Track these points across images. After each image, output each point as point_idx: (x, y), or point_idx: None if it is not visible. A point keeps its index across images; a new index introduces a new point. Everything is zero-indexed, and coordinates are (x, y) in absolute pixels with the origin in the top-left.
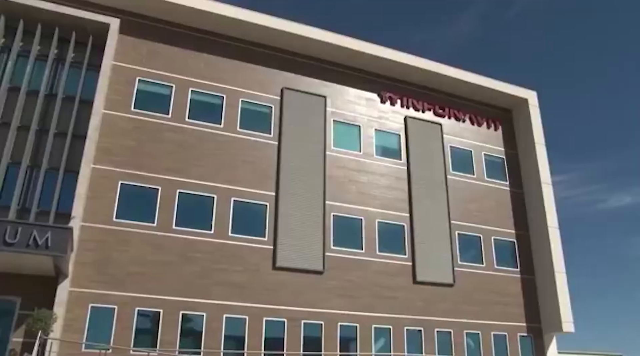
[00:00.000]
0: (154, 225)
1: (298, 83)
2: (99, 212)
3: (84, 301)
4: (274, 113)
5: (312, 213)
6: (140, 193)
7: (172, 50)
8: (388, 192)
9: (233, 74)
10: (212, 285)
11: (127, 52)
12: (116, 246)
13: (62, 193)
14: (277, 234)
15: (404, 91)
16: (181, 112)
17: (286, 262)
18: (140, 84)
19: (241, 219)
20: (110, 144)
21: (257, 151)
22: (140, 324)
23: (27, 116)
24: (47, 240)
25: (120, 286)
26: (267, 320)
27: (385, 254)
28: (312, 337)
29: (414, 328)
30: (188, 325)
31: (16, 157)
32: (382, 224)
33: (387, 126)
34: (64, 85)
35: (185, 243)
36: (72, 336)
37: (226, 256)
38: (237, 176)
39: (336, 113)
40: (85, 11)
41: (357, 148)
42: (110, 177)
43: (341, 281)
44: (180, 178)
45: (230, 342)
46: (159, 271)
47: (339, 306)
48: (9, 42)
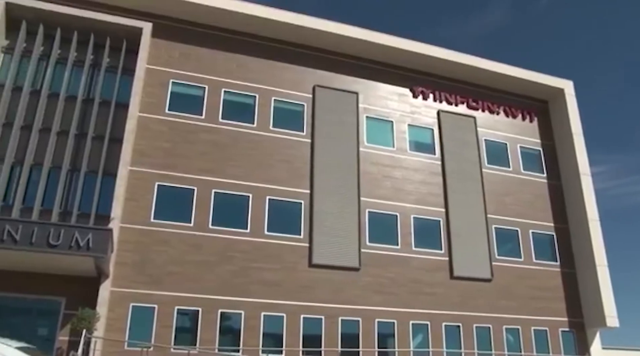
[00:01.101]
0: (191, 225)
1: (330, 80)
2: (137, 213)
3: (125, 300)
4: (307, 111)
5: (347, 209)
6: (176, 194)
7: (204, 52)
8: (422, 187)
9: (265, 73)
10: (249, 284)
11: (159, 55)
12: (154, 246)
13: (101, 195)
14: (312, 232)
15: (437, 85)
16: (214, 112)
17: (322, 259)
18: (174, 86)
19: (277, 218)
20: (146, 146)
21: (291, 149)
22: (180, 322)
23: (66, 121)
24: (88, 242)
25: (160, 286)
26: (304, 318)
27: (421, 249)
28: (350, 334)
29: (452, 324)
30: (227, 323)
31: (57, 162)
32: (417, 220)
33: (420, 120)
34: (100, 90)
35: (222, 243)
36: (114, 335)
37: (263, 254)
38: (271, 174)
39: (368, 109)
40: (118, 17)
41: (390, 144)
42: (146, 178)
43: (378, 278)
44: (215, 178)
45: (269, 340)
46: (197, 270)
47: (376, 302)
48: (47, 50)
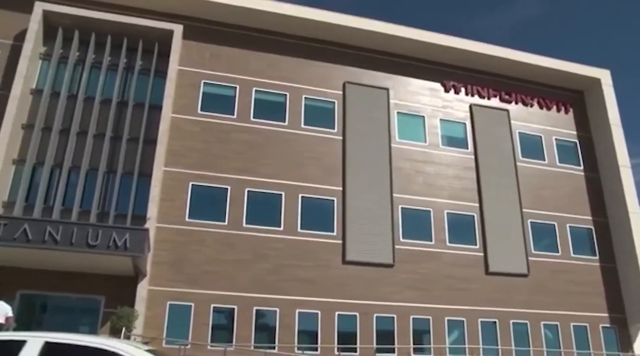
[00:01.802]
0: (225, 224)
1: (360, 77)
2: (172, 213)
3: (162, 299)
4: (337, 108)
5: (379, 206)
6: (210, 193)
7: (234, 52)
8: (456, 182)
9: (295, 71)
10: (283, 281)
11: (191, 57)
12: (190, 245)
13: (137, 196)
14: (345, 229)
15: (468, 78)
16: (246, 112)
17: (356, 256)
18: (206, 87)
19: (310, 215)
20: (179, 147)
21: (323, 146)
22: (216, 320)
23: (101, 124)
24: (125, 241)
25: (196, 284)
26: (339, 314)
27: (455, 245)
28: (385, 330)
29: (489, 320)
30: (262, 321)
31: (94, 164)
32: (451, 215)
33: (452, 115)
34: (134, 92)
35: (256, 241)
36: (153, 333)
37: (296, 252)
38: (303, 172)
39: (399, 105)
40: (150, 20)
41: (422, 139)
42: (181, 179)
43: (412, 274)
44: (249, 177)
45: (304, 336)
46: (232, 268)
47: (411, 298)
48: (83, 55)
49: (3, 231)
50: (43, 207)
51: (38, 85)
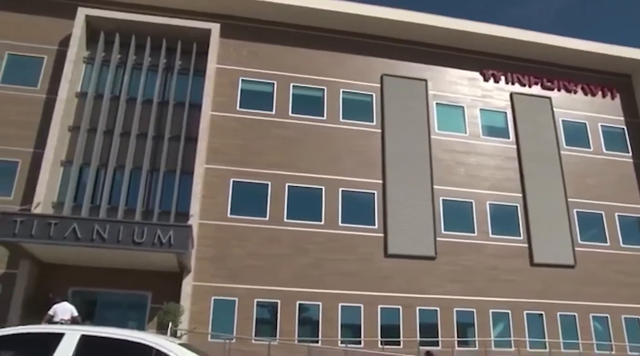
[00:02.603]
0: (267, 219)
1: (397, 69)
2: (214, 209)
3: (207, 294)
4: (375, 101)
5: (420, 198)
6: (251, 189)
7: (271, 48)
8: (498, 172)
9: (332, 65)
10: (325, 275)
11: (228, 55)
12: (232, 241)
13: (180, 193)
14: (386, 222)
15: (508, 66)
16: (284, 107)
17: (397, 249)
18: (244, 84)
19: (350, 209)
20: (220, 144)
21: (361, 140)
22: (259, 314)
23: (143, 124)
24: (170, 238)
25: (239, 279)
26: (382, 308)
27: (499, 236)
28: (428, 323)
29: (535, 312)
30: (305, 315)
31: (137, 163)
32: (493, 206)
33: (492, 104)
34: (174, 92)
35: (297, 235)
36: (198, 327)
37: (338, 246)
38: (343, 166)
39: (438, 96)
40: (187, 20)
41: (462, 130)
42: (222, 176)
43: (455, 266)
44: (288, 172)
45: (347, 330)
46: (274, 263)
47: (454, 291)
48: (124, 57)
49: (54, 231)
50: (90, 206)
51: (83, 88)
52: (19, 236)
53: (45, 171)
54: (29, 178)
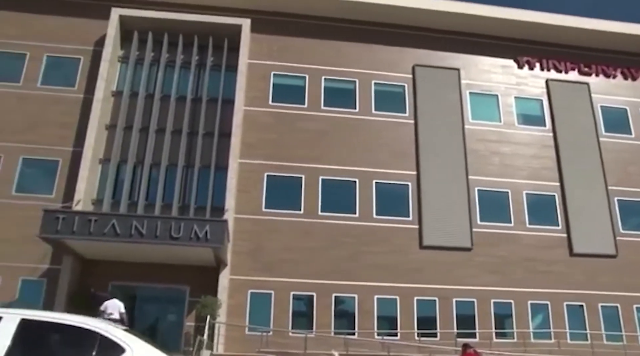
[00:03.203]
0: (301, 212)
1: (429, 59)
2: (249, 204)
3: (243, 287)
4: (408, 92)
5: (455, 189)
6: (285, 183)
7: (302, 42)
8: (534, 161)
9: (363, 57)
10: (360, 267)
11: (260, 50)
12: (267, 234)
13: (215, 188)
14: (421, 213)
15: (543, 52)
16: (316, 101)
17: (433, 240)
18: (275, 78)
19: (384, 201)
20: (253, 138)
21: (394, 131)
22: (296, 307)
23: (178, 120)
24: (206, 233)
25: (275, 272)
26: (417, 299)
27: (536, 226)
28: (465, 315)
29: (575, 303)
30: (341, 307)
31: (172, 159)
32: (530, 196)
33: (527, 92)
34: (207, 88)
35: (331, 228)
36: (235, 320)
37: (373, 238)
38: (376, 158)
39: (471, 85)
40: (218, 16)
41: (496, 119)
42: (256, 170)
43: (491, 257)
44: (322, 165)
45: (383, 322)
46: (309, 256)
47: (491, 282)
48: (157, 56)
49: (94, 227)
50: (128, 203)
51: (118, 87)
52: (62, 233)
53: (84, 169)
54: (69, 176)
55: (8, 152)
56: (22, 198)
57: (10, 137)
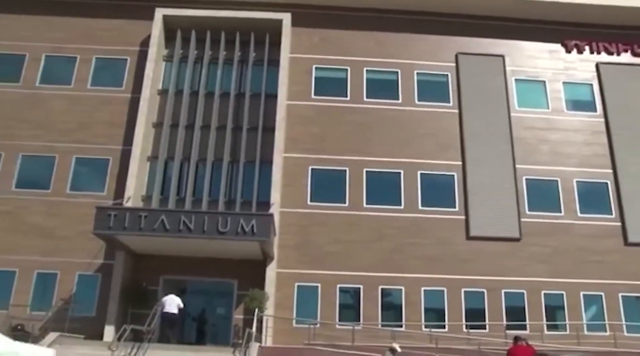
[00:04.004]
0: (346, 205)
1: (472, 46)
2: (294, 197)
3: (290, 280)
4: (451, 80)
5: (502, 178)
6: (329, 176)
7: (343, 34)
8: (584, 148)
9: (404, 47)
10: (407, 259)
11: (301, 44)
12: (313, 227)
13: (260, 182)
14: (467, 204)
15: (592, 35)
16: (359, 93)
17: (480, 231)
18: (317, 72)
19: (430, 192)
20: (297, 132)
21: (438, 121)
22: (342, 300)
23: (222, 116)
24: (252, 227)
25: (321, 265)
26: (465, 291)
27: (588, 215)
28: (515, 307)
29: (631, 295)
30: (388, 299)
31: (218, 155)
32: (581, 184)
33: (576, 76)
34: (250, 83)
35: (377, 220)
36: (283, 313)
37: (418, 229)
38: (420, 149)
39: (517, 71)
40: (259, 12)
41: (544, 105)
42: (300, 164)
43: (541, 247)
44: (366, 157)
45: (431, 314)
46: (355, 249)
47: (541, 273)
48: (201, 53)
49: (144, 223)
50: (176, 199)
51: (164, 85)
52: (114, 229)
53: (133, 166)
54: (119, 174)
55: (62, 152)
56: (76, 196)
57: (63, 138)
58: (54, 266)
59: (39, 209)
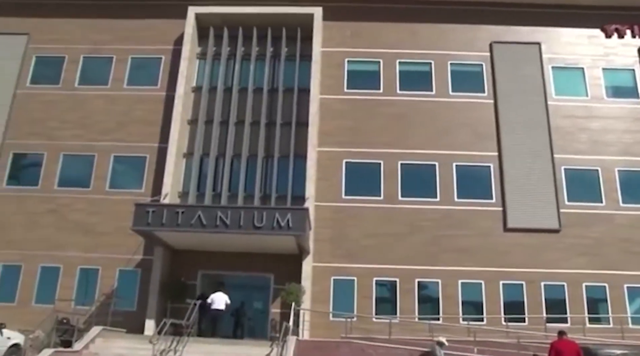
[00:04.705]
0: (381, 198)
1: (507, 35)
2: (329, 191)
3: (326, 274)
4: (486, 70)
5: (540, 168)
6: (364, 169)
7: (374, 26)
8: (626, 136)
9: (437, 38)
10: (443, 252)
11: (332, 37)
12: (348, 221)
13: (295, 177)
14: (504, 195)
15: (634, 18)
16: (392, 85)
17: (518, 223)
18: (350, 65)
19: (466, 184)
20: (330, 126)
21: (473, 112)
22: (379, 293)
23: (256, 112)
24: (288, 221)
25: (357, 259)
26: (503, 283)
27: (631, 205)
28: (555, 299)
29: None
30: (424, 292)
31: (252, 150)
32: (623, 173)
33: (616, 62)
34: (283, 78)
35: (412, 213)
36: (319, 307)
37: (454, 222)
38: (455, 140)
39: (554, 59)
40: (290, 7)
41: (583, 93)
42: (334, 157)
43: (581, 239)
44: (400, 150)
45: (469, 307)
46: (391, 242)
47: (582, 265)
48: (233, 50)
49: (181, 219)
50: (212, 194)
51: (197, 83)
52: (152, 225)
53: (169, 163)
54: (156, 171)
55: (101, 151)
56: (115, 193)
57: (101, 137)
58: (96, 262)
59: (80, 206)
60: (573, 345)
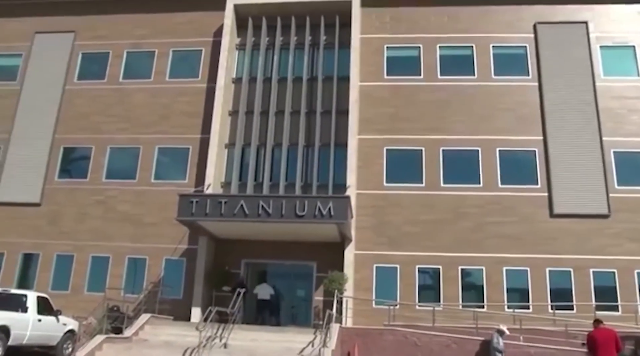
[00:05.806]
0: (423, 185)
1: (551, 14)
2: (370, 179)
3: (368, 262)
4: (530, 52)
5: (587, 152)
6: (405, 156)
7: (413, 11)
8: None
9: (478, 20)
10: (487, 239)
11: (371, 24)
12: (390, 209)
13: (336, 165)
14: (550, 180)
15: None
16: (432, 70)
17: (564, 208)
18: (389, 51)
19: (509, 169)
20: (370, 113)
21: (517, 95)
22: (421, 281)
23: (295, 101)
24: (329, 210)
25: (399, 246)
26: (550, 270)
27: None
28: (605, 286)
29: None
30: (468, 279)
31: (293, 140)
32: None
33: None
34: (322, 67)
35: (455, 200)
36: (362, 294)
37: (498, 208)
38: (498, 125)
39: (602, 37)
40: None
41: (634, 72)
42: (375, 145)
43: (633, 224)
44: (442, 136)
45: (514, 294)
46: (433, 229)
47: (633, 251)
48: (272, 40)
49: (224, 209)
50: (254, 184)
51: (237, 74)
52: (196, 215)
53: (212, 154)
54: (199, 162)
55: (146, 143)
56: (160, 184)
57: (146, 130)
58: (143, 252)
59: (127, 198)
60: (611, 333)
